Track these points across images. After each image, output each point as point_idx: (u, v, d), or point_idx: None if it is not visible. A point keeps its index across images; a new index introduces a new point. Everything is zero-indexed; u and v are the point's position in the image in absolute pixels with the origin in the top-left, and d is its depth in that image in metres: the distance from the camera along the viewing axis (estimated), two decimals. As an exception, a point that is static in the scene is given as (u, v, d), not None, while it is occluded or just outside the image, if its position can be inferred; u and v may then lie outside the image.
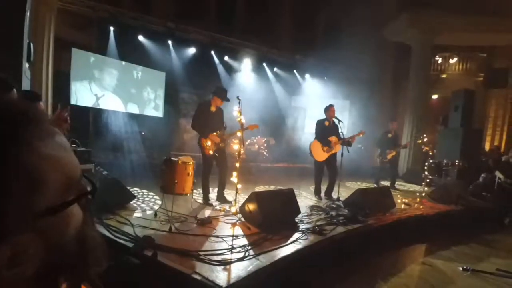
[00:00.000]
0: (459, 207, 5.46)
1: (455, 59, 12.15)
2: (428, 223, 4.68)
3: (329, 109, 5.22)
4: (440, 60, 12.45)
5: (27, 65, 3.78)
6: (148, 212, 3.65)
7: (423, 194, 5.87)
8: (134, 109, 8.36)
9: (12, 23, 3.26)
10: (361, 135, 5.36)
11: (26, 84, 3.66)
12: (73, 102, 7.20)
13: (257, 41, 10.31)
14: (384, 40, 10.95)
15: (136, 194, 4.26)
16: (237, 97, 3.86)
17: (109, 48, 7.91)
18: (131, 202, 3.87)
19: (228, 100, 4.31)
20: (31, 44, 3.71)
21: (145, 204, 4.03)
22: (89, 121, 7.47)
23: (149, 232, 2.89)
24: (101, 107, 7.69)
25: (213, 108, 4.29)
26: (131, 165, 6.09)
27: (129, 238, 2.75)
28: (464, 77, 12.17)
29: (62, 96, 7.01)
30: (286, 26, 11.63)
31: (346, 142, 5.12)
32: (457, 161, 6.99)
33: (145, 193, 4.61)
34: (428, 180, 6.23)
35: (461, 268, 3.32)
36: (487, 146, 11.44)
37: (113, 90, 7.93)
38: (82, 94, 7.43)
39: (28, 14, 3.50)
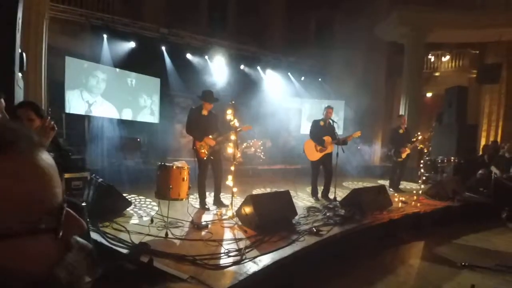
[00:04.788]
0: (455, 203, 5.48)
1: (448, 57, 12.25)
2: (425, 220, 4.70)
3: (326, 110, 5.35)
4: (433, 59, 12.55)
5: (20, 75, 3.77)
6: (145, 219, 3.64)
7: (420, 191, 5.89)
8: (129, 115, 8.34)
9: (3, 32, 3.25)
10: (357, 135, 5.40)
11: (19, 94, 3.65)
12: (67, 110, 7.18)
13: (250, 44, 10.37)
14: (377, 39, 11.03)
15: (132, 200, 4.25)
16: (231, 101, 3.88)
17: (102, 56, 7.92)
18: (128, 209, 3.87)
19: (216, 100, 4.32)
20: (23, 54, 3.71)
21: (142, 211, 4.03)
22: (84, 128, 7.45)
23: (145, 238, 2.88)
24: (96, 114, 7.67)
25: (204, 112, 4.30)
26: (128, 171, 6.07)
27: (125, 245, 2.74)
28: (457, 74, 12.26)
29: (56, 104, 6.99)
30: (279, 28, 11.70)
31: (342, 142, 5.16)
32: (452, 157, 7.02)
33: (141, 200, 4.59)
34: (424, 178, 6.24)
35: (459, 264, 3.33)
36: (483, 142, 11.47)
37: (107, 97, 7.92)
38: (77, 102, 7.40)
39: (19, 23, 3.50)
